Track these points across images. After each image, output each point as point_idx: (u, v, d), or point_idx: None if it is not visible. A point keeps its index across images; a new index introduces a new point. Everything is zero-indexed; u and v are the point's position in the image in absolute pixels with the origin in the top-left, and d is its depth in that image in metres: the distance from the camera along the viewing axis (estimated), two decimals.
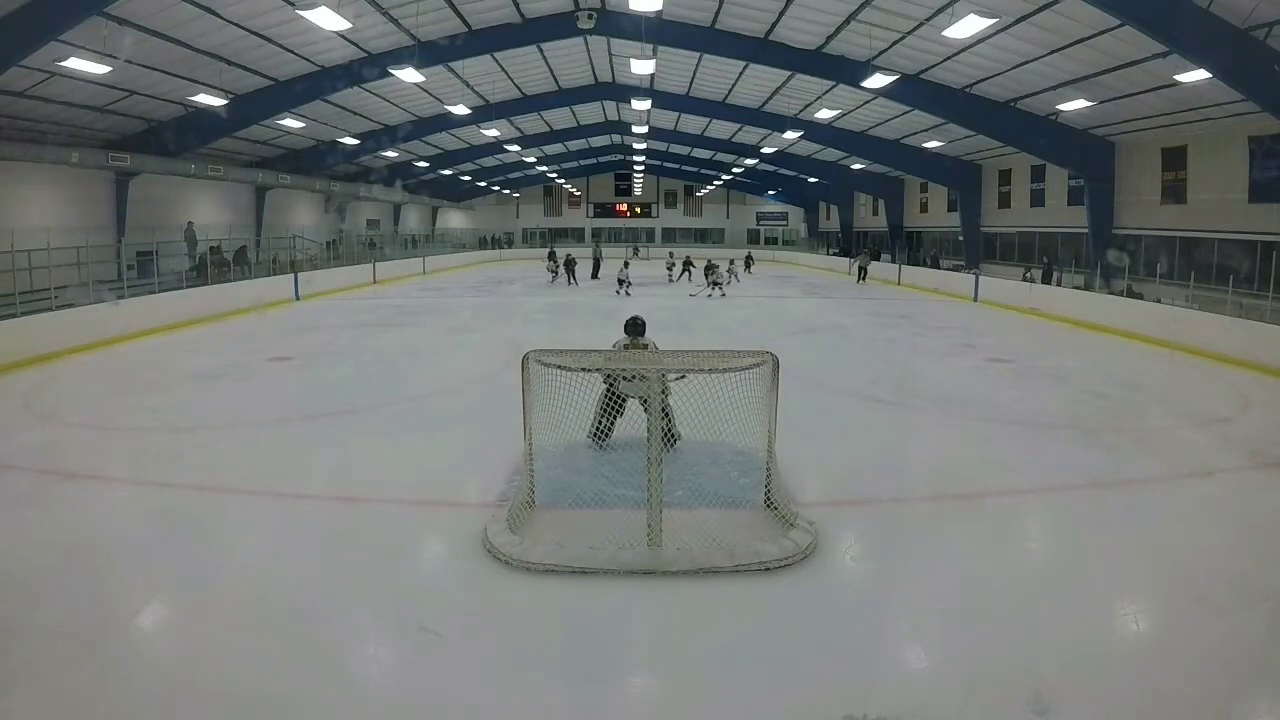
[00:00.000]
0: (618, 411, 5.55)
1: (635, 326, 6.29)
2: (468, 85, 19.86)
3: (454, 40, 16.24)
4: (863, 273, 26.66)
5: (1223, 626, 3.64)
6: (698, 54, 18.66)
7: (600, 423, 5.66)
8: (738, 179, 40.61)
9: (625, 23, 15.26)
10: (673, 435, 5.73)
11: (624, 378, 5.40)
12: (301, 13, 10.86)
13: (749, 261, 31.08)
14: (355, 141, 23.43)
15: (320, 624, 3.61)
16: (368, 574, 4.14)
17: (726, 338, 12.56)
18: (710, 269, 20.24)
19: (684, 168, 41.29)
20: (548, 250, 27.39)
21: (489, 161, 34.27)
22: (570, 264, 23.33)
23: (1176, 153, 15.74)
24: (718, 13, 15.46)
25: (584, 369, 4.74)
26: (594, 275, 25.15)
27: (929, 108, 17.68)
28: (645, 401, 4.95)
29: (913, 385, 9.36)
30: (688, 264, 24.27)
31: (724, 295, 19.69)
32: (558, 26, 16.69)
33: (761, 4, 14.65)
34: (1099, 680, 3.18)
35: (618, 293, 19.72)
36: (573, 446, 5.63)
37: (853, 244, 34.74)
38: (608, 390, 5.45)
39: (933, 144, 21.93)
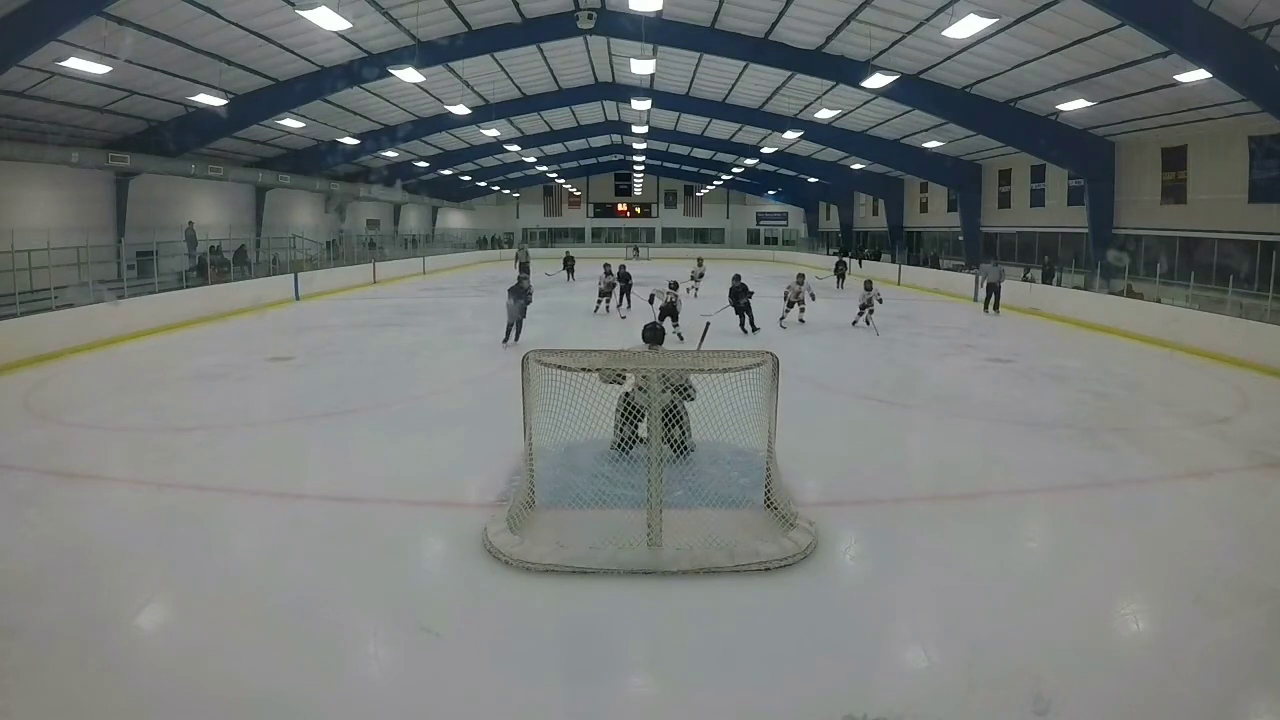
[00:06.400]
0: (639, 418, 5.43)
1: (654, 334, 5.98)
2: (468, 85, 19.85)
3: (454, 40, 16.24)
4: (993, 294, 16.47)
5: (1223, 626, 3.65)
6: (697, 54, 18.65)
7: (624, 432, 5.58)
8: (738, 179, 40.58)
9: (625, 23, 15.25)
10: (685, 446, 5.66)
11: (640, 388, 5.38)
12: (301, 13, 10.85)
13: (841, 270, 21.01)
14: (355, 141, 23.42)
15: (320, 623, 3.61)
16: (367, 574, 4.14)
17: (727, 338, 12.54)
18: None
19: (684, 168, 41.26)
20: (515, 257, 21.11)
21: (489, 161, 34.26)
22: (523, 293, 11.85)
23: (1176, 153, 15.74)
24: (718, 13, 15.45)
25: (584, 369, 4.74)
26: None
27: (929, 108, 17.67)
28: (672, 411, 4.93)
29: (913, 385, 9.37)
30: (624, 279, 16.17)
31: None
32: (557, 26, 16.68)
33: (761, 4, 14.65)
34: (1099, 680, 3.18)
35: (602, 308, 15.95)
36: (573, 446, 5.61)
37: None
38: (624, 397, 5.38)
39: (933, 144, 21.92)
